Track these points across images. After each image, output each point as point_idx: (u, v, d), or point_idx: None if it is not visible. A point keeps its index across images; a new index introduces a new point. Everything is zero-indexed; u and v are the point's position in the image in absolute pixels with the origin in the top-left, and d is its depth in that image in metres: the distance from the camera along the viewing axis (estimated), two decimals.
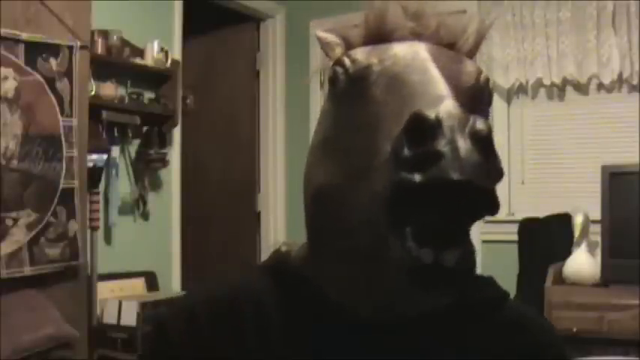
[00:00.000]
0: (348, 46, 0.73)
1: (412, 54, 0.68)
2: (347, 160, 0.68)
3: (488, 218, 4.26)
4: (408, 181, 0.61)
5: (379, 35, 0.71)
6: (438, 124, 0.60)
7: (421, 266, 0.62)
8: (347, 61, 0.70)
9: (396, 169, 0.61)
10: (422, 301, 0.71)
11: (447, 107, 0.61)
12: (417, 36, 0.70)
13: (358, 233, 0.67)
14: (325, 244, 0.73)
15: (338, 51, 0.74)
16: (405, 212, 0.63)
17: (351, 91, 0.70)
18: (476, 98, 0.70)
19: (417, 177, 0.60)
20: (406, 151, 0.61)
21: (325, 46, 0.76)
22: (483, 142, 0.61)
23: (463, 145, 0.60)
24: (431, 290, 0.64)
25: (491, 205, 0.63)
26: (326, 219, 0.71)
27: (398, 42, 0.70)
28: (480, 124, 0.61)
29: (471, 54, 0.73)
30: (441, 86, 0.64)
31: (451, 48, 0.71)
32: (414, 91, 0.65)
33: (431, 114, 0.60)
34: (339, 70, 0.71)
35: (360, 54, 0.70)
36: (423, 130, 0.60)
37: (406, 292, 0.69)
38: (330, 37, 0.76)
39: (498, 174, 0.63)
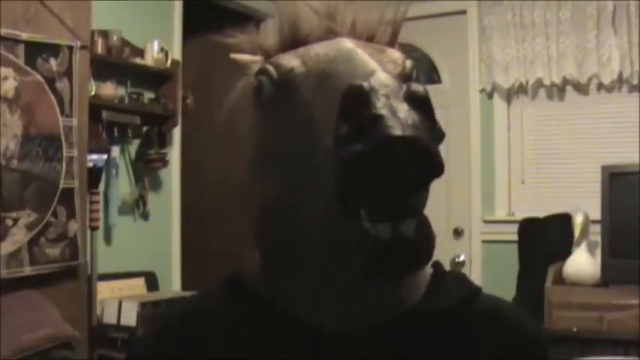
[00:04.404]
0: (266, 55, 0.72)
1: (335, 49, 0.66)
2: (287, 166, 0.66)
3: (488, 218, 4.26)
4: (350, 154, 0.58)
5: (296, 41, 0.69)
6: (372, 90, 0.58)
7: (381, 244, 0.60)
8: (270, 68, 0.68)
9: (338, 150, 0.59)
10: (385, 299, 0.70)
11: (379, 79, 0.60)
12: (334, 34, 0.69)
13: (309, 239, 0.66)
14: (277, 258, 0.72)
15: (256, 66, 0.72)
16: (355, 194, 0.60)
17: (279, 98, 0.68)
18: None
19: (358, 146, 0.58)
20: (344, 127, 0.59)
21: (243, 67, 0.75)
22: (421, 104, 0.59)
23: (401, 107, 0.58)
24: (397, 265, 0.62)
25: (435, 166, 0.60)
26: (275, 232, 0.70)
27: (317, 43, 0.69)
28: (415, 87, 0.59)
29: (392, 44, 0.72)
30: (370, 63, 0.63)
31: (370, 41, 0.70)
32: (344, 79, 0.62)
33: (363, 83, 0.59)
34: (264, 78, 0.69)
35: (282, 59, 0.69)
36: (357, 101, 0.58)
37: (368, 291, 0.68)
38: (246, 58, 0.75)
39: (439, 134, 0.62)
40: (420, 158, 0.59)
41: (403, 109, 0.58)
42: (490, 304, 0.77)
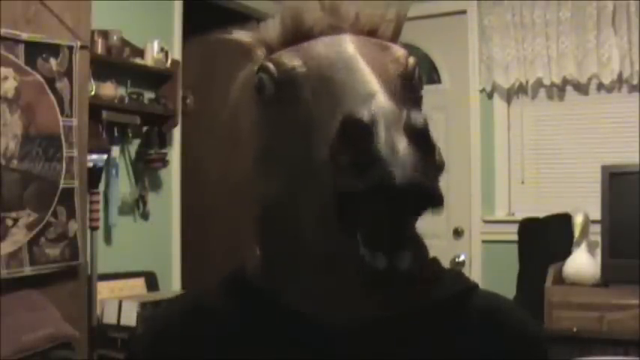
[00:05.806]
0: (268, 49, 0.71)
1: (336, 50, 0.66)
2: (286, 169, 0.67)
3: (488, 218, 4.26)
4: (349, 189, 0.59)
5: (298, 34, 0.69)
6: (371, 124, 0.58)
7: (376, 272, 0.60)
8: (271, 66, 0.68)
9: (337, 176, 0.60)
10: (380, 304, 0.70)
11: (379, 104, 0.59)
12: (337, 29, 0.68)
13: (309, 238, 0.67)
14: (278, 257, 0.72)
15: (259, 54, 0.72)
16: (353, 217, 0.61)
17: (279, 97, 0.68)
18: (406, 85, 0.69)
19: (359, 184, 0.58)
20: (344, 158, 0.59)
21: (245, 52, 0.74)
22: (421, 136, 0.59)
23: (400, 143, 0.58)
24: (387, 294, 0.63)
25: (435, 201, 0.61)
26: (275, 231, 0.71)
27: (319, 38, 0.68)
28: (414, 117, 0.59)
29: (394, 39, 0.71)
30: (371, 81, 0.62)
31: (373, 35, 0.69)
32: (344, 90, 0.62)
33: (363, 113, 0.58)
34: (265, 76, 0.69)
35: (284, 57, 0.68)
36: (357, 133, 0.58)
37: (364, 295, 0.68)
38: (248, 40, 0.74)
39: (439, 168, 0.62)
40: (419, 198, 0.60)
41: (403, 146, 0.57)
42: (490, 302, 0.77)
